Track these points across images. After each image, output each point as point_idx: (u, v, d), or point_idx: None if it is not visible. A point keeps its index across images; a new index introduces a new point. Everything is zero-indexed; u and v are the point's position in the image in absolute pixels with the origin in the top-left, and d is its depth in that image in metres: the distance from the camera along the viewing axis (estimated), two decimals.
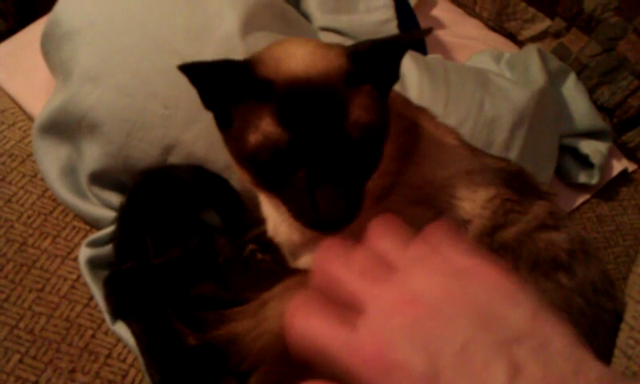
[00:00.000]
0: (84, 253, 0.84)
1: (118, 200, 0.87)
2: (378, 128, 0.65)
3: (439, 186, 0.77)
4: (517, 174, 0.82)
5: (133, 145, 0.87)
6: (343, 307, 0.40)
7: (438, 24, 1.46)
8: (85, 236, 0.89)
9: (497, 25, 1.49)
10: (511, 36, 1.48)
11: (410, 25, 1.26)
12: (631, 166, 1.33)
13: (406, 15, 1.27)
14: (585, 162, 1.24)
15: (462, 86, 1.07)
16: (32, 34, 1.08)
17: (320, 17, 1.17)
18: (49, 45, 0.95)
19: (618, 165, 1.30)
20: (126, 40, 0.89)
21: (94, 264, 0.84)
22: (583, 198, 1.25)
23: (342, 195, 0.59)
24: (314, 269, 0.44)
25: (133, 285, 0.80)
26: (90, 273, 0.83)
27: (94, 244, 0.85)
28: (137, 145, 0.87)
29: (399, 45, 0.67)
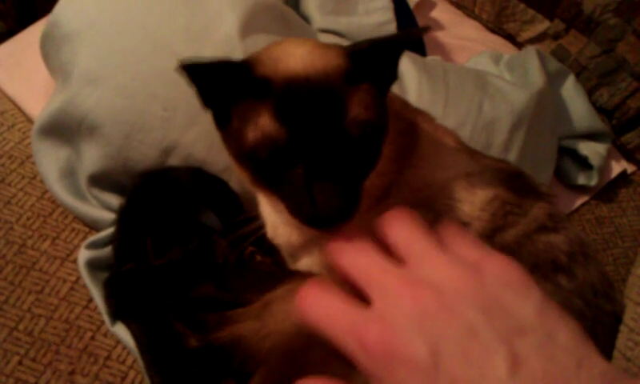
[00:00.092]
0: (83, 255, 0.84)
1: (118, 202, 0.87)
2: (377, 126, 0.64)
3: (438, 188, 0.77)
4: (516, 176, 0.82)
5: (132, 146, 0.87)
6: (354, 294, 0.41)
7: (437, 25, 1.47)
8: (84, 238, 0.89)
9: (496, 26, 1.49)
10: (510, 37, 1.48)
11: (409, 26, 1.26)
12: (630, 168, 1.33)
13: (405, 17, 1.27)
14: (584, 164, 1.24)
15: (461, 88, 1.07)
16: (31, 36, 1.08)
17: (319, 18, 1.17)
18: (48, 46, 0.95)
19: (617, 166, 1.31)
20: (126, 42, 0.88)
21: (94, 266, 0.84)
22: (582, 200, 1.25)
23: (340, 192, 0.59)
24: (329, 256, 0.45)
25: (132, 286, 0.80)
26: (90, 274, 0.83)
27: (94, 246, 0.85)
28: (136, 146, 0.87)
29: (397, 43, 0.67)
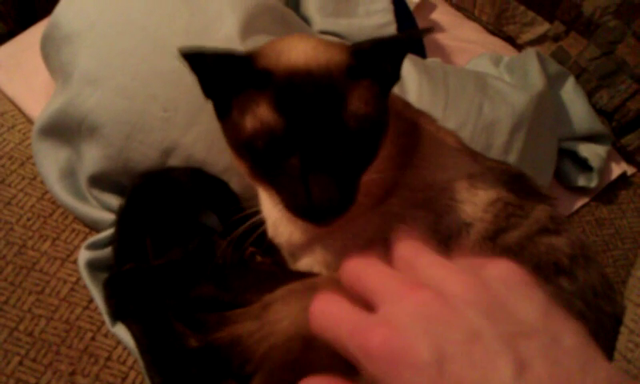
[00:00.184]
0: (83, 255, 0.84)
1: (118, 202, 0.87)
2: (376, 122, 0.64)
3: (439, 189, 0.77)
4: (517, 178, 0.82)
5: (132, 147, 0.87)
6: (363, 301, 0.42)
7: (438, 27, 1.47)
8: (84, 238, 0.89)
9: (496, 28, 1.49)
10: (510, 39, 1.49)
11: (409, 28, 1.27)
12: (630, 170, 1.33)
13: (406, 19, 1.27)
14: (584, 166, 1.24)
15: (461, 90, 1.07)
16: (32, 37, 1.08)
17: (320, 20, 1.17)
18: (49, 47, 0.95)
19: (617, 168, 1.31)
20: (126, 43, 0.88)
21: (94, 266, 0.84)
22: (582, 202, 1.25)
23: (335, 185, 0.59)
24: (343, 267, 0.46)
25: (132, 287, 0.80)
26: (90, 275, 0.83)
27: (94, 246, 0.85)
28: (136, 147, 0.87)
29: (400, 43, 0.67)
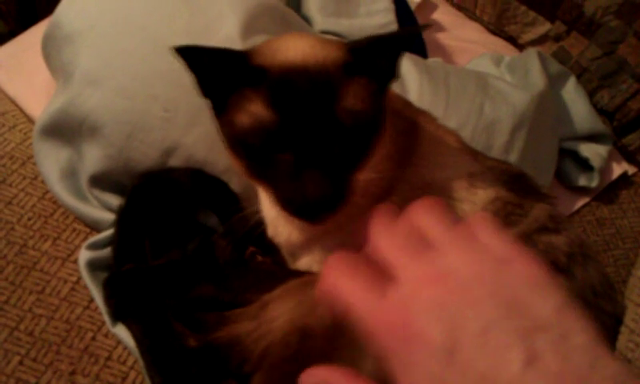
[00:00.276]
0: (84, 255, 0.84)
1: (119, 202, 0.87)
2: (371, 119, 0.64)
3: (439, 188, 0.77)
4: (517, 177, 0.82)
5: (133, 147, 0.87)
6: (377, 274, 0.42)
7: (439, 27, 1.47)
8: (85, 238, 0.89)
9: (497, 28, 1.49)
10: (511, 39, 1.48)
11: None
12: (631, 169, 1.33)
13: (407, 19, 1.27)
14: (585, 165, 1.24)
15: (462, 90, 1.07)
16: (33, 37, 1.08)
17: (321, 20, 1.17)
18: (50, 47, 0.95)
19: (618, 168, 1.31)
20: (127, 43, 0.89)
21: (94, 266, 0.84)
22: (583, 201, 1.25)
23: (328, 182, 0.59)
24: (359, 233, 0.46)
25: (132, 286, 0.80)
26: (90, 275, 0.83)
27: (94, 246, 0.86)
28: (137, 147, 0.87)
29: (396, 40, 0.67)
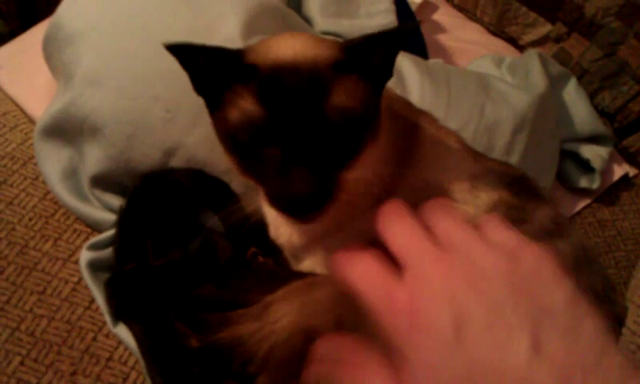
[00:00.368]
0: (85, 256, 0.84)
1: (120, 203, 0.87)
2: (361, 117, 0.64)
3: (440, 190, 0.77)
4: (520, 179, 0.82)
5: (134, 148, 0.87)
6: (390, 264, 0.43)
7: (440, 28, 1.47)
8: (86, 239, 0.89)
9: (498, 29, 1.49)
10: (512, 40, 1.48)
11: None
12: (632, 171, 1.33)
13: (407, 20, 1.27)
14: (586, 167, 1.24)
15: (464, 91, 1.07)
16: (34, 37, 1.08)
17: (321, 21, 1.17)
18: (51, 47, 0.95)
19: (619, 169, 1.31)
20: (128, 43, 0.89)
21: (95, 267, 0.84)
22: (584, 203, 1.25)
23: (315, 178, 0.59)
24: (376, 223, 0.47)
25: (134, 286, 0.80)
26: (91, 276, 0.83)
27: (95, 247, 0.85)
28: (138, 148, 0.87)
29: (390, 37, 0.65)
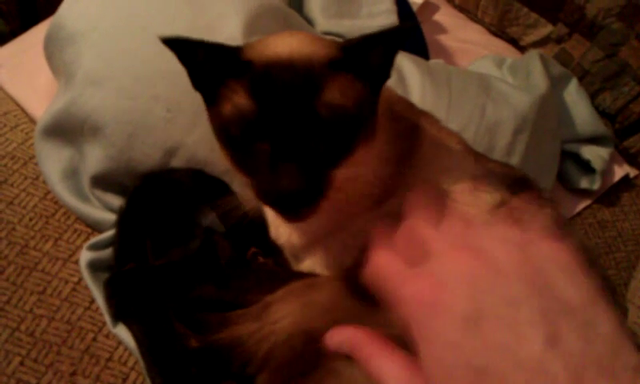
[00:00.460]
0: (85, 256, 0.84)
1: (120, 203, 0.87)
2: (353, 116, 0.63)
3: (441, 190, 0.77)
4: (521, 181, 0.82)
5: (135, 147, 0.87)
6: (413, 248, 0.44)
7: (441, 29, 1.47)
8: (86, 239, 0.89)
9: (499, 30, 1.49)
10: (513, 41, 1.48)
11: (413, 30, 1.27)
12: (633, 172, 1.33)
13: (409, 21, 1.27)
14: (586, 168, 1.24)
15: (464, 91, 1.07)
16: (34, 37, 1.08)
17: (323, 21, 1.17)
18: (52, 47, 0.95)
19: (620, 170, 1.31)
20: (129, 43, 0.89)
21: (95, 267, 0.84)
22: (585, 204, 1.25)
23: (303, 174, 0.59)
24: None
25: (133, 287, 0.80)
26: (91, 276, 0.83)
27: (95, 247, 0.85)
28: (139, 147, 0.87)
29: (387, 36, 0.65)
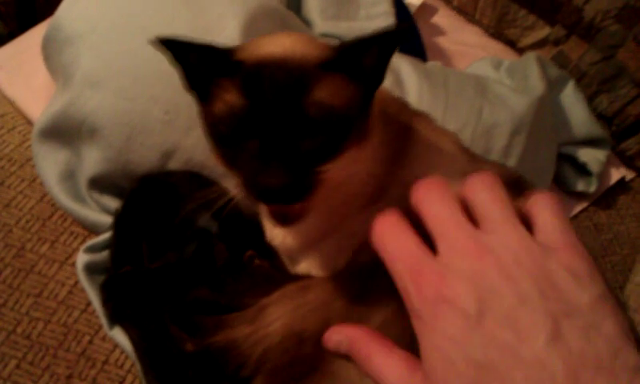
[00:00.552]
0: (81, 258, 0.84)
1: (117, 205, 0.87)
2: (343, 116, 0.63)
3: None
4: (516, 182, 0.82)
5: (133, 149, 0.87)
6: (424, 239, 0.44)
7: (438, 31, 1.47)
8: (83, 241, 0.89)
9: (497, 32, 1.49)
10: (511, 43, 1.48)
11: (410, 32, 1.27)
12: (629, 175, 1.33)
13: (406, 23, 1.27)
14: (583, 170, 1.24)
15: (462, 93, 1.07)
16: (32, 38, 1.08)
17: (321, 23, 1.17)
18: (50, 49, 0.95)
19: (616, 173, 1.31)
20: (128, 45, 0.88)
21: (92, 269, 0.84)
22: (581, 206, 1.25)
23: (290, 171, 0.59)
24: (414, 199, 0.48)
25: (129, 289, 0.79)
26: (88, 278, 0.83)
27: (92, 249, 0.85)
28: (137, 149, 0.87)
29: (382, 37, 0.64)
